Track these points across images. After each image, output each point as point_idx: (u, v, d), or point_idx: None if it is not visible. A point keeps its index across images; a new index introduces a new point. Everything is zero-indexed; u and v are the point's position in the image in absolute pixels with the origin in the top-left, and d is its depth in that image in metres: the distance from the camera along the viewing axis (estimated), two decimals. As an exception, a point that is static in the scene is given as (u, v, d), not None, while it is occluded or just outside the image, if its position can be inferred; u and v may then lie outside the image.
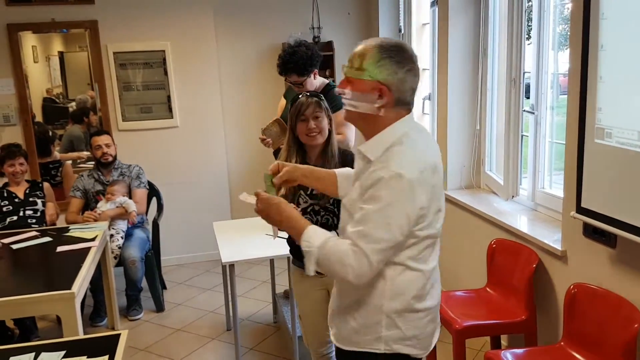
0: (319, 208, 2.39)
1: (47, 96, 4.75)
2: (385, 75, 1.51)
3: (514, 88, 3.23)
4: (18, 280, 2.83)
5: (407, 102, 1.56)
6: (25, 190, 3.97)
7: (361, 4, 5.07)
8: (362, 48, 1.55)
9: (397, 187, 1.46)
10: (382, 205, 1.46)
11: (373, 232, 1.47)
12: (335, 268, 1.52)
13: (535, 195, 3.19)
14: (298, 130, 2.38)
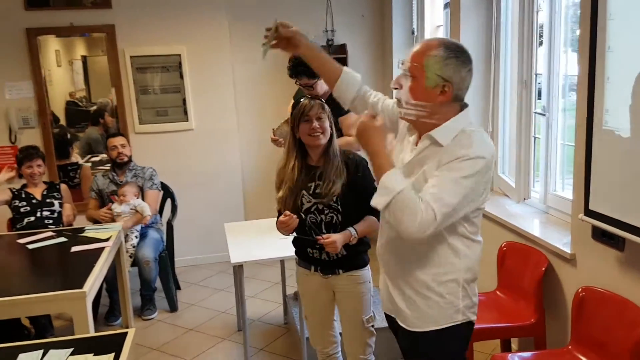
0: (323, 206, 2.40)
1: (70, 99, 4.84)
2: (450, 73, 1.63)
3: (525, 90, 3.21)
4: (31, 280, 2.89)
5: (461, 99, 1.70)
6: (43, 191, 4.06)
7: (375, 7, 5.08)
8: (425, 45, 1.67)
9: (476, 166, 1.60)
10: (458, 175, 1.59)
11: (446, 196, 1.59)
12: (404, 214, 1.59)
13: (547, 197, 3.16)
14: (301, 130, 2.40)
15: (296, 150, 2.46)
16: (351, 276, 2.46)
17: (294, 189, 2.44)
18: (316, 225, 2.43)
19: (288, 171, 2.46)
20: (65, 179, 4.84)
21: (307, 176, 2.44)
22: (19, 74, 4.50)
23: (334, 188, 2.36)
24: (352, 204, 2.39)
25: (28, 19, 4.43)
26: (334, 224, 2.40)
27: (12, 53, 4.45)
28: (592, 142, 2.28)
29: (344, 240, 2.33)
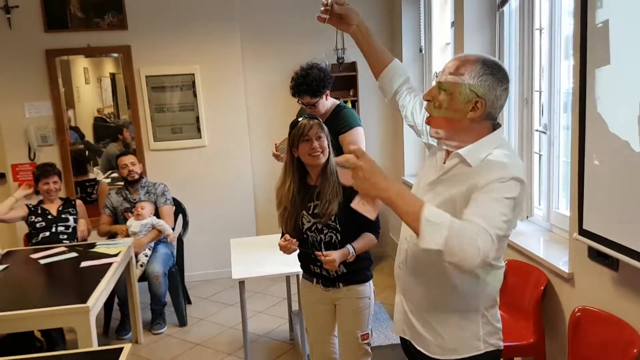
0: (322, 226, 2.44)
1: (98, 115, 4.99)
2: (485, 90, 1.57)
3: (526, 108, 3.21)
4: (39, 294, 2.98)
5: (494, 117, 1.64)
6: (59, 207, 4.18)
7: (385, 25, 5.14)
8: (462, 60, 1.62)
9: (515, 189, 1.51)
10: (501, 196, 1.48)
11: (495, 217, 1.45)
12: (464, 245, 1.40)
13: (550, 215, 3.15)
14: (300, 150, 2.44)
15: (293, 170, 2.49)
16: (351, 290, 2.49)
17: (292, 209, 2.48)
18: (316, 245, 2.47)
19: (284, 191, 2.50)
20: (83, 194, 4.98)
21: (306, 196, 2.48)
22: (39, 93, 4.67)
23: (331, 207, 2.39)
24: (350, 222, 2.42)
25: (48, 41, 4.60)
26: (333, 243, 2.44)
27: (32, 74, 4.62)
28: (584, 160, 2.27)
29: (342, 257, 2.37)
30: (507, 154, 1.59)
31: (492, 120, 1.65)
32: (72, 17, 4.62)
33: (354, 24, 1.91)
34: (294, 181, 2.48)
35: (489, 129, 1.64)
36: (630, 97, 1.98)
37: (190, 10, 4.75)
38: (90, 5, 4.63)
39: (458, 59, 1.64)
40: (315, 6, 5.03)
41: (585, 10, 2.19)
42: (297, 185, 2.48)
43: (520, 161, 1.64)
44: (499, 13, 3.51)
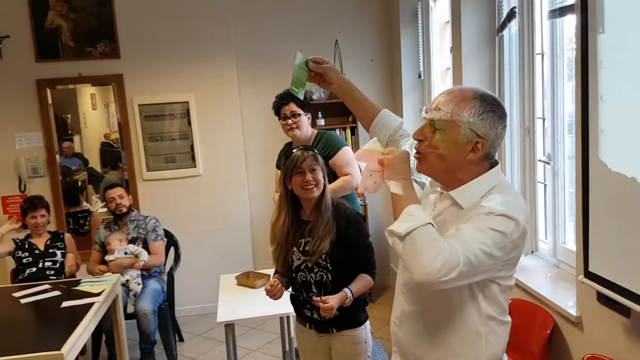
0: (312, 265, 2.29)
1: (104, 141, 4.90)
2: (486, 129, 1.43)
3: (527, 137, 3.05)
4: (13, 338, 2.82)
5: (492, 157, 1.51)
6: (47, 241, 4.04)
7: (384, 51, 5.02)
8: (459, 95, 1.45)
9: (506, 225, 1.38)
10: (485, 225, 1.37)
11: (471, 243, 1.35)
12: (425, 247, 1.33)
13: (557, 250, 2.96)
14: (293, 182, 2.31)
15: (287, 204, 2.38)
16: (345, 336, 2.33)
17: (284, 245, 2.37)
18: (306, 285, 2.32)
19: (279, 226, 2.38)
20: (75, 226, 4.85)
21: (297, 232, 2.36)
22: (29, 124, 4.57)
23: (322, 246, 2.25)
24: (342, 262, 2.29)
25: (38, 71, 4.52)
26: (324, 282, 2.30)
27: (23, 104, 4.53)
28: (589, 196, 2.10)
29: (340, 302, 2.21)
30: (505, 202, 1.42)
31: (491, 159, 1.50)
32: (64, 47, 4.54)
33: (334, 83, 1.84)
34: (287, 215, 2.36)
35: (487, 168, 1.50)
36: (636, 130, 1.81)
37: (184, 38, 4.66)
38: (82, 34, 4.55)
39: (452, 93, 1.47)
40: (313, 31, 4.95)
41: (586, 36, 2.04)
42: (291, 219, 2.35)
43: (521, 204, 1.48)
44: (498, 37, 3.37)
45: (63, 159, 4.80)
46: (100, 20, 4.56)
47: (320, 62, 1.83)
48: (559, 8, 2.65)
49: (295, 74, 1.80)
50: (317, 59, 1.83)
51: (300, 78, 1.82)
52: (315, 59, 1.83)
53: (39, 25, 4.46)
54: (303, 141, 3.33)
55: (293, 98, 3.24)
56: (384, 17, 4.99)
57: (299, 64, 1.79)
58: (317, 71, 1.81)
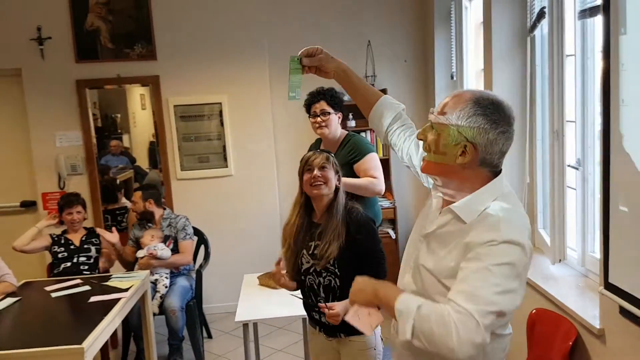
0: (320, 269, 2.28)
1: (153, 140, 5.02)
2: (475, 133, 1.39)
3: (557, 141, 2.94)
4: (40, 331, 2.91)
5: (493, 165, 1.44)
6: (82, 237, 4.17)
7: (417, 51, 4.96)
8: (455, 98, 1.45)
9: (508, 253, 1.32)
10: (488, 263, 1.30)
11: (482, 292, 1.28)
12: (435, 335, 1.27)
13: (585, 259, 2.85)
14: (304, 180, 2.32)
15: (300, 206, 2.38)
16: (354, 342, 2.31)
17: (294, 247, 2.36)
18: (314, 288, 2.32)
19: (288, 228, 2.39)
20: (113, 223, 4.99)
21: (307, 234, 2.35)
22: (69, 123, 4.73)
23: (330, 250, 2.24)
24: (351, 268, 2.25)
25: (78, 71, 4.67)
26: (332, 287, 2.28)
27: (63, 103, 4.69)
28: (609, 206, 2.01)
29: (346, 310, 2.17)
30: (506, 208, 1.39)
31: (491, 166, 1.45)
32: (102, 48, 4.68)
33: (330, 72, 1.83)
34: (299, 216, 2.37)
35: (488, 177, 1.45)
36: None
37: (218, 40, 4.73)
38: (120, 36, 4.68)
39: (453, 95, 1.46)
40: (345, 32, 4.92)
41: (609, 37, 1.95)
42: (302, 221, 2.35)
43: (522, 217, 1.44)
44: (530, 38, 3.27)
45: (110, 157, 4.96)
46: (137, 22, 4.68)
47: (312, 53, 1.82)
48: (589, 8, 2.54)
49: (291, 77, 1.80)
50: (309, 50, 1.82)
51: (294, 79, 1.82)
52: (307, 51, 1.82)
53: (79, 27, 4.61)
54: (331, 140, 3.33)
55: (324, 95, 3.24)
56: (417, 18, 4.93)
57: (291, 66, 1.79)
58: (312, 65, 1.81)
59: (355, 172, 3.16)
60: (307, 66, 1.81)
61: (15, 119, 4.78)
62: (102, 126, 4.95)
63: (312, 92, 3.30)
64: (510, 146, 1.45)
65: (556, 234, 3.00)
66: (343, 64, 1.85)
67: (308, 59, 1.81)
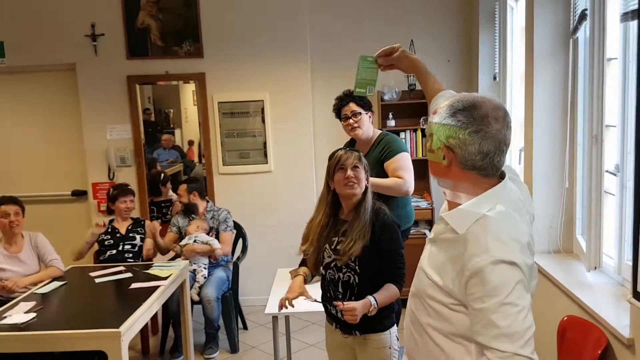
0: (341, 265, 2.32)
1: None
2: (447, 136, 1.42)
3: (595, 146, 2.88)
4: (80, 314, 3.08)
5: (478, 167, 1.41)
6: (128, 226, 4.35)
7: (462, 51, 4.92)
8: (441, 104, 1.49)
9: (506, 272, 1.30)
10: (500, 300, 1.29)
11: (512, 328, 1.28)
12: None
13: (622, 267, 2.78)
14: (336, 180, 2.35)
15: (327, 204, 2.41)
16: (369, 340, 2.34)
17: (317, 243, 2.40)
18: (334, 283, 2.35)
19: (314, 225, 2.43)
20: (159, 214, 5.17)
21: (333, 230, 2.39)
22: (120, 117, 4.93)
23: (354, 248, 2.27)
24: (372, 267, 2.29)
25: (129, 68, 4.86)
26: (351, 284, 2.31)
27: (114, 98, 4.90)
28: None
29: (364, 310, 2.21)
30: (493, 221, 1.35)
31: (477, 169, 1.41)
32: (152, 46, 4.85)
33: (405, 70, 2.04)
34: (325, 214, 2.41)
35: (483, 181, 1.43)
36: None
37: (262, 38, 4.83)
38: (169, 34, 4.84)
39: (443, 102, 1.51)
40: (388, 31, 4.91)
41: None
42: (327, 219, 2.40)
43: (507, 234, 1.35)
44: (572, 40, 3.21)
45: (161, 150, 5.16)
46: (186, 21, 4.83)
47: (390, 53, 1.94)
48: (631, 11, 2.49)
49: (361, 75, 1.95)
50: (387, 50, 1.94)
51: (367, 77, 1.97)
52: (384, 52, 1.95)
53: (130, 25, 4.80)
54: (365, 140, 3.36)
55: (352, 98, 3.29)
56: (461, 18, 4.89)
57: (365, 65, 1.93)
58: (387, 64, 1.93)
59: (385, 169, 3.19)
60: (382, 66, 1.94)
61: (69, 111, 5.03)
62: (155, 120, 5.14)
63: (340, 95, 3.36)
64: (495, 146, 1.39)
65: (592, 240, 2.94)
66: (416, 61, 1.98)
67: (384, 59, 1.93)
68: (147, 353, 4.18)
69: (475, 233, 1.36)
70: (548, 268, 3.17)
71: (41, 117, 5.11)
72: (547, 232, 3.43)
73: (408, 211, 3.33)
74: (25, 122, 5.12)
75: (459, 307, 1.41)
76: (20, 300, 3.19)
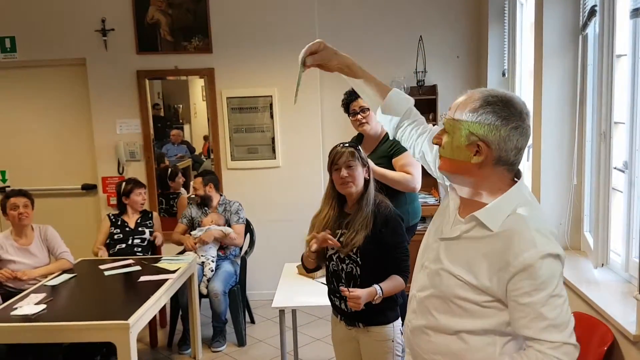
0: (344, 256, 2.35)
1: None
2: (486, 131, 1.39)
3: (604, 142, 2.88)
4: (90, 306, 3.12)
5: (510, 162, 1.43)
6: (137, 219, 4.39)
7: (471, 47, 4.90)
8: (465, 97, 1.46)
9: (554, 265, 1.36)
10: (548, 293, 1.34)
11: (560, 318, 1.35)
12: None
13: (629, 265, 2.78)
14: (333, 178, 2.39)
15: (332, 197, 2.44)
16: (372, 332, 2.37)
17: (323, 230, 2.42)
18: (337, 274, 2.38)
19: (319, 219, 2.46)
20: (167, 206, 5.21)
21: (337, 222, 2.42)
22: (129, 111, 4.96)
23: (355, 240, 2.30)
24: (373, 258, 2.32)
25: (138, 62, 4.89)
26: (354, 275, 2.35)
27: (124, 92, 4.93)
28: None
29: (369, 297, 2.24)
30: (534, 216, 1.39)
31: (508, 164, 1.43)
32: (162, 41, 4.87)
33: (333, 70, 1.82)
34: (332, 208, 2.44)
35: (506, 176, 1.44)
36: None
37: (270, 33, 4.84)
38: (179, 29, 4.86)
39: (464, 96, 1.46)
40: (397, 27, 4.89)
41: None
42: (333, 212, 2.43)
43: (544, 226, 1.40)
44: (582, 37, 3.19)
45: (170, 145, 5.19)
46: (195, 16, 4.85)
47: (315, 50, 1.78)
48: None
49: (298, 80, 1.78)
50: (312, 48, 1.78)
51: (299, 81, 1.80)
52: (309, 49, 1.78)
53: (140, 20, 4.83)
54: (373, 136, 3.37)
55: None
56: (471, 14, 4.87)
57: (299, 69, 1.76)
58: (314, 63, 1.78)
59: (393, 165, 3.19)
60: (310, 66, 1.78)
61: (79, 106, 5.07)
62: (165, 116, 5.17)
63: (348, 90, 3.33)
64: (526, 142, 1.43)
65: (599, 237, 2.94)
66: (347, 59, 1.81)
67: (311, 57, 1.77)
68: (155, 346, 4.22)
69: (517, 229, 1.37)
70: (555, 265, 3.17)
71: (52, 111, 5.15)
72: (555, 229, 3.39)
73: (415, 207, 3.34)
74: (36, 117, 5.17)
75: (493, 304, 1.42)
76: (31, 292, 3.23)
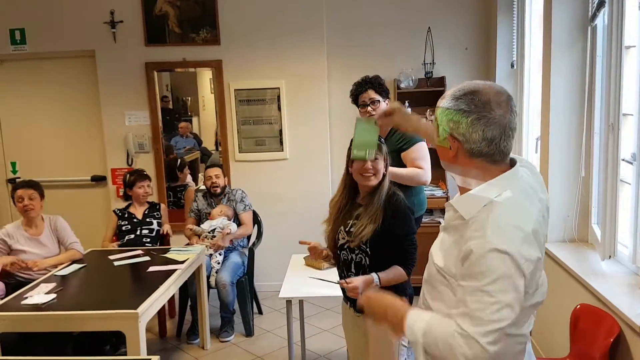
0: (354, 246, 2.37)
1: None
2: (450, 125, 1.42)
3: (612, 134, 2.86)
4: (99, 296, 3.15)
5: (484, 154, 1.41)
6: (145, 211, 4.42)
7: (479, 39, 4.88)
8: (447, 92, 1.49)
9: (497, 262, 1.29)
10: (481, 284, 1.30)
11: (479, 314, 1.29)
12: (446, 355, 1.34)
13: (637, 257, 2.77)
14: (354, 168, 2.40)
15: (345, 186, 2.47)
16: None
17: (334, 223, 2.47)
18: (347, 263, 2.41)
19: (332, 204, 2.50)
20: (175, 199, 5.25)
21: (348, 213, 2.44)
22: (138, 103, 4.99)
23: (365, 231, 2.33)
24: (382, 249, 2.35)
25: (147, 54, 4.91)
26: (363, 265, 2.38)
27: (133, 84, 4.96)
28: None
29: (365, 285, 2.26)
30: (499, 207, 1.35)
31: (484, 156, 1.41)
32: (170, 32, 4.89)
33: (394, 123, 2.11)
34: (344, 196, 2.47)
35: (492, 167, 1.43)
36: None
37: (278, 26, 4.84)
38: (187, 21, 4.87)
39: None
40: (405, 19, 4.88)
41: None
42: (346, 201, 2.45)
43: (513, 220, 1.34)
44: (590, 28, 3.18)
45: (178, 138, 5.21)
46: (203, 8, 4.86)
47: (389, 113, 2.07)
48: (651, -3, 2.46)
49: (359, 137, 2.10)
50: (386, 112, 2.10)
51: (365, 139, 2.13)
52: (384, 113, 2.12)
53: (148, 12, 4.84)
54: (382, 131, 3.36)
55: (371, 84, 3.26)
56: (479, 5, 4.85)
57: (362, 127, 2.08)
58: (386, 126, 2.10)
59: (403, 159, 3.19)
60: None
61: (88, 98, 5.10)
62: (173, 108, 5.19)
63: (358, 82, 3.30)
64: (498, 132, 1.39)
65: (607, 229, 2.93)
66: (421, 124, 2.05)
67: (383, 119, 2.08)
68: (164, 335, 4.26)
69: (479, 218, 1.37)
70: (563, 257, 3.17)
71: (61, 103, 5.19)
72: (563, 221, 3.42)
73: (421, 199, 3.34)
74: (46, 108, 5.21)
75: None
76: (41, 282, 3.27)
